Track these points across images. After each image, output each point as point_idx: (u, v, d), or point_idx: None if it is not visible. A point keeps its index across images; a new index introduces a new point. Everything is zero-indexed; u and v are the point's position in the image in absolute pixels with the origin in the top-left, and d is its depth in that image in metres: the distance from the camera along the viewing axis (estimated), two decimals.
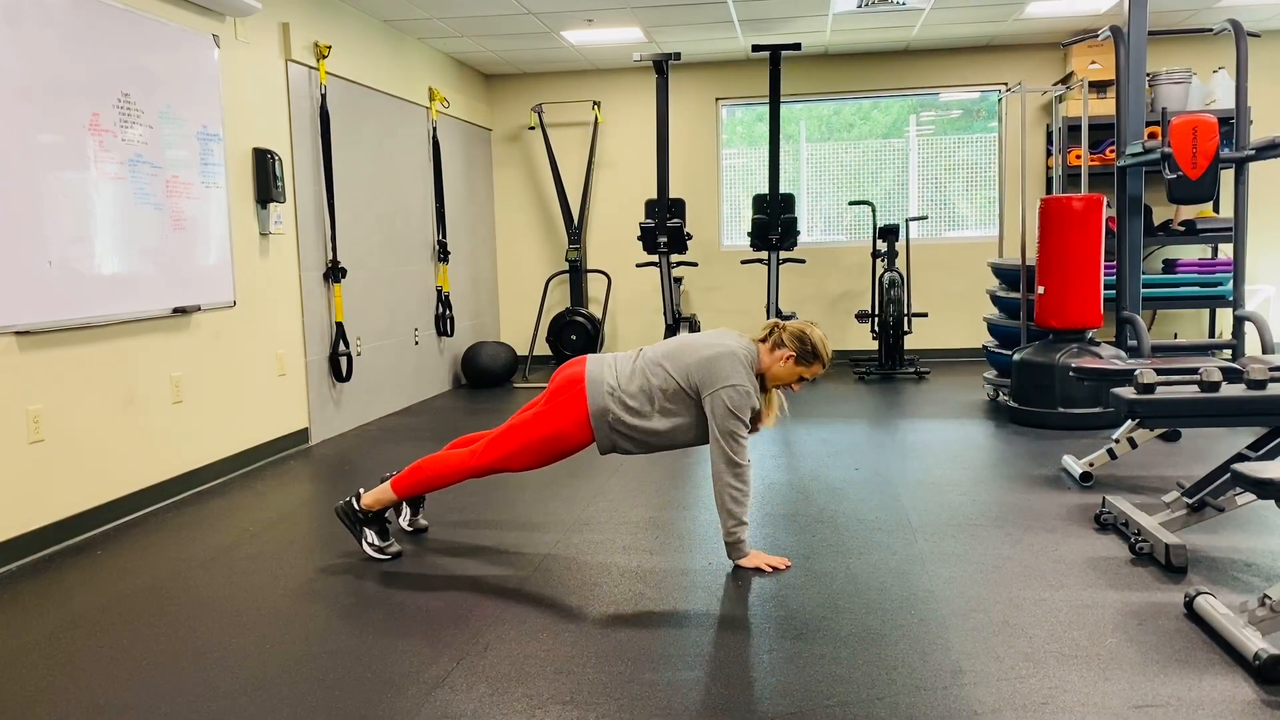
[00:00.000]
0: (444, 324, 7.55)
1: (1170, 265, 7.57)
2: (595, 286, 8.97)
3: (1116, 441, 4.34)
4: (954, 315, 8.58)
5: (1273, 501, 3.18)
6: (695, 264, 8.41)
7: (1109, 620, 2.81)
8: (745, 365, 3.30)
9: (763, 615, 2.92)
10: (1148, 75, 7.46)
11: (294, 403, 5.55)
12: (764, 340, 3.39)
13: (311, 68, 5.73)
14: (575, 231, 8.64)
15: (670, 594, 3.12)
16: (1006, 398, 5.92)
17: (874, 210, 8.05)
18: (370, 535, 3.54)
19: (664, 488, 4.46)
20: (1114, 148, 6.34)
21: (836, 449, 5.15)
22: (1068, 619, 2.83)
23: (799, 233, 7.93)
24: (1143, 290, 6.52)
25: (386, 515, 3.60)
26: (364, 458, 5.29)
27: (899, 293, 7.51)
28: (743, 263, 8.17)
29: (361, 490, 3.60)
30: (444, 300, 7.55)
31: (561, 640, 2.78)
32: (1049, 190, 8.19)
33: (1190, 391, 3.33)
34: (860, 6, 6.69)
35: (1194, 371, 3.66)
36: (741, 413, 3.25)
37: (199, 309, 4.66)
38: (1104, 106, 7.61)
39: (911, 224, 8.38)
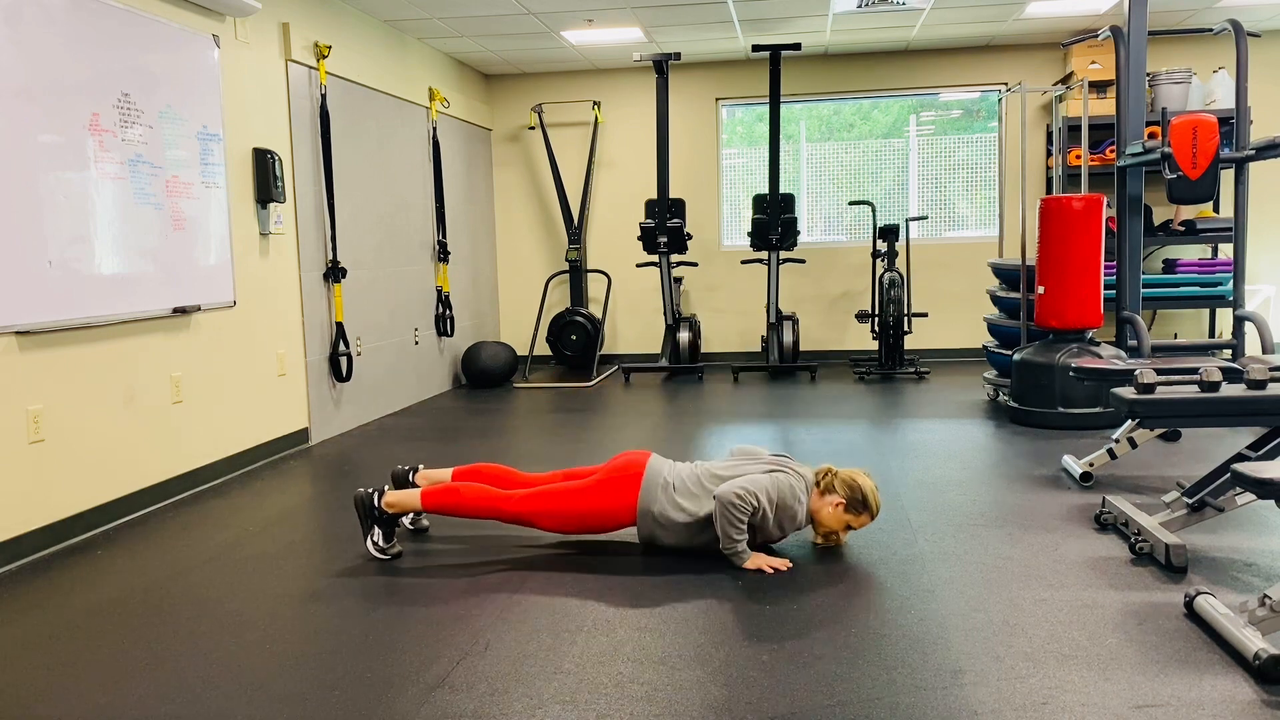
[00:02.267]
0: (444, 324, 7.55)
1: (1170, 265, 7.57)
2: (595, 286, 8.97)
3: (1116, 441, 4.34)
4: (954, 315, 8.58)
5: (1273, 501, 3.18)
6: (695, 264, 8.41)
7: (1109, 620, 2.81)
8: (802, 487, 3.42)
9: (763, 615, 2.92)
10: (1148, 75, 7.47)
11: (294, 403, 5.55)
12: (816, 485, 3.46)
13: (311, 68, 5.73)
14: (575, 231, 8.64)
15: (670, 594, 3.12)
16: (1006, 398, 5.92)
17: (874, 210, 8.05)
18: (377, 535, 3.54)
19: None
20: (1114, 148, 6.34)
21: (836, 449, 5.15)
22: (1068, 619, 2.83)
23: (799, 233, 7.93)
24: (1143, 290, 6.53)
25: (397, 519, 3.60)
26: (364, 458, 5.29)
27: (899, 293, 7.51)
28: (743, 263, 8.17)
29: (386, 488, 3.60)
30: (444, 300, 7.55)
31: (561, 640, 2.78)
32: (1049, 190, 8.19)
33: (1190, 391, 3.33)
34: (860, 6, 6.70)
35: (1194, 371, 3.66)
36: (780, 494, 3.33)
37: (199, 309, 4.66)
38: (1104, 106, 7.61)
39: (911, 224, 8.39)
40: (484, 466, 3.74)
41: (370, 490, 3.57)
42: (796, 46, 7.45)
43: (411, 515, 3.85)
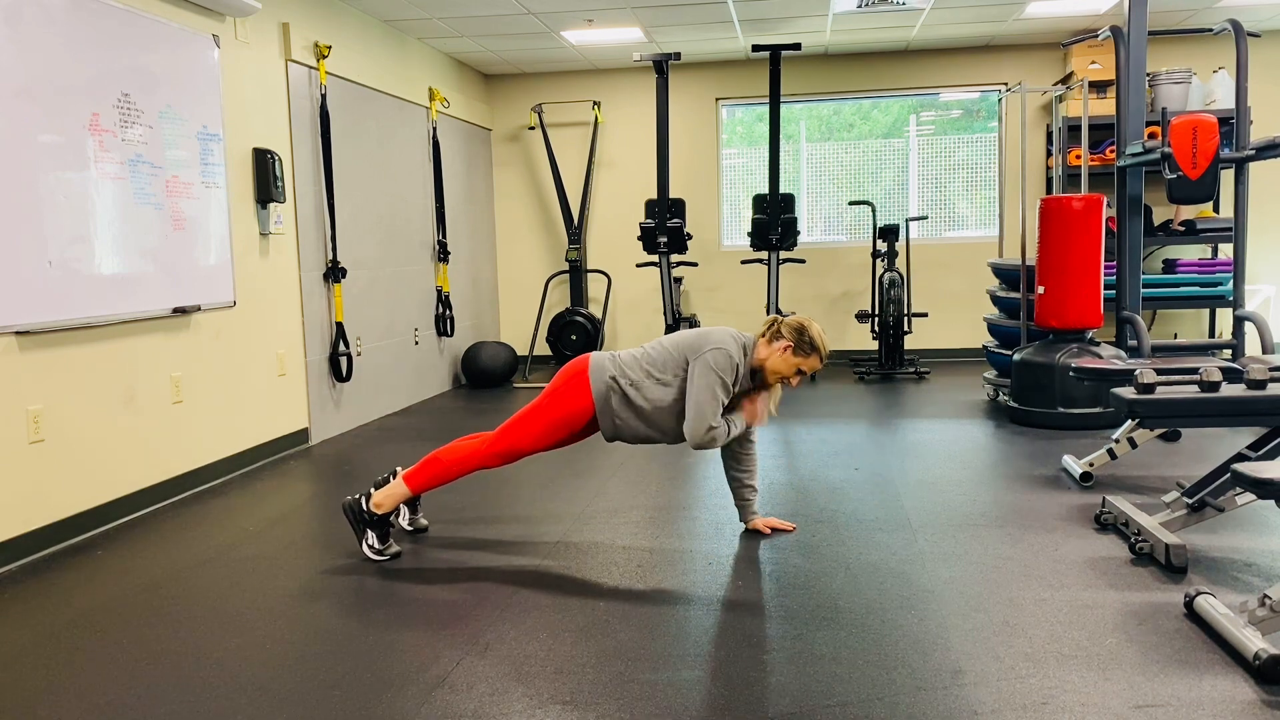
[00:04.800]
0: (444, 324, 7.55)
1: (1170, 265, 7.57)
2: (595, 286, 8.97)
3: (1116, 441, 4.34)
4: (954, 315, 8.58)
5: (1273, 501, 3.18)
6: (695, 264, 8.41)
7: (1109, 620, 2.81)
8: (737, 344, 3.44)
9: (763, 615, 2.92)
10: (1148, 75, 7.46)
11: (294, 403, 5.55)
12: (763, 334, 3.50)
13: (311, 68, 5.73)
14: (575, 231, 8.64)
15: (670, 594, 3.12)
16: (1006, 398, 5.92)
17: (874, 210, 8.05)
18: (371, 538, 3.54)
19: (664, 487, 4.46)
20: (1114, 148, 6.34)
21: (836, 449, 5.15)
22: (1068, 619, 2.83)
23: (799, 233, 7.93)
24: (1143, 290, 6.52)
25: (391, 519, 3.59)
26: (364, 458, 5.29)
27: (899, 293, 7.51)
28: (743, 263, 8.17)
29: (371, 490, 3.60)
30: (444, 300, 7.55)
31: (561, 640, 2.78)
32: (1049, 190, 8.19)
33: (1190, 391, 3.33)
34: (860, 6, 6.70)
35: (1194, 371, 3.66)
36: (724, 373, 3.37)
37: (199, 309, 4.66)
38: (1104, 106, 7.61)
39: (911, 224, 8.38)
40: (456, 441, 3.76)
41: (356, 495, 3.59)
42: (796, 46, 7.45)
43: (409, 516, 3.86)
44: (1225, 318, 8.05)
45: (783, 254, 8.33)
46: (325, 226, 5.87)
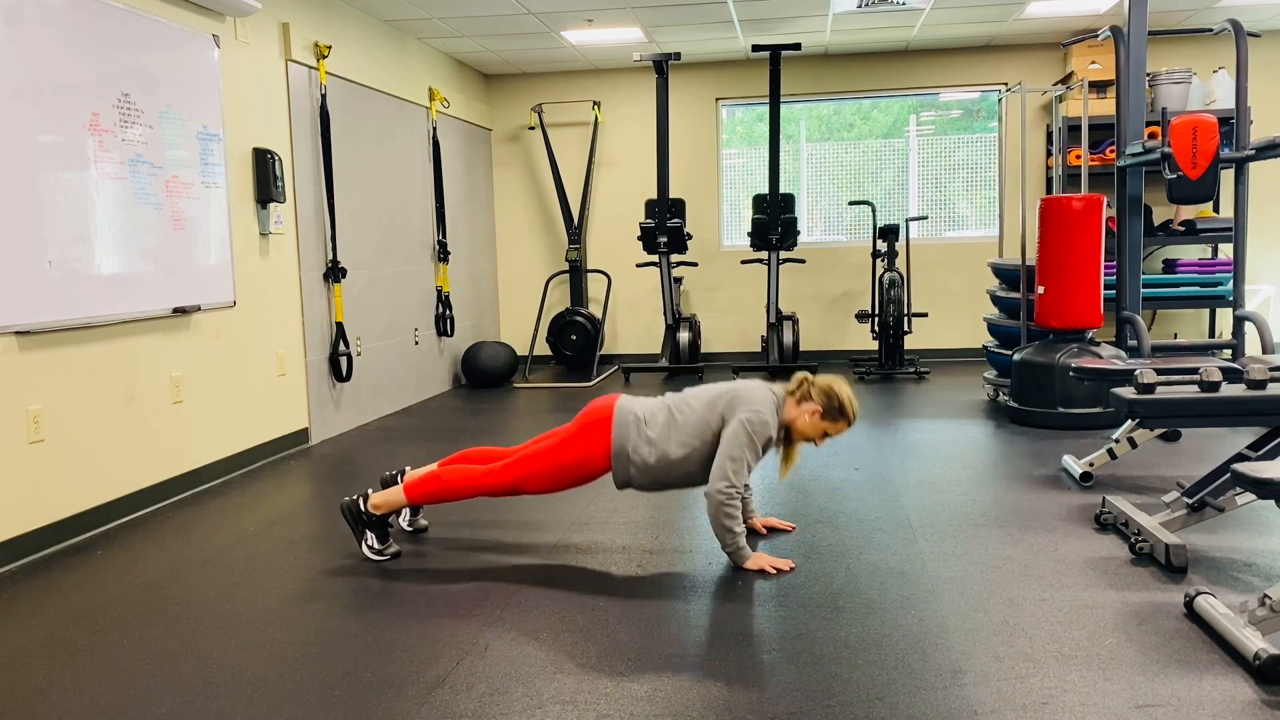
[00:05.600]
0: (444, 324, 7.55)
1: (1170, 265, 7.57)
2: (595, 286, 8.97)
3: (1116, 441, 4.34)
4: (954, 315, 8.58)
5: (1273, 501, 3.18)
6: (695, 264, 8.41)
7: (1109, 620, 2.81)
8: (772, 406, 3.35)
9: (763, 615, 2.92)
10: (1148, 75, 7.46)
11: (294, 403, 5.55)
12: (792, 393, 3.41)
13: (311, 68, 5.73)
14: (575, 231, 8.64)
15: (670, 594, 3.12)
16: (1006, 398, 5.92)
17: (874, 210, 8.05)
18: (371, 538, 3.54)
19: None
20: (1114, 148, 6.34)
21: (836, 449, 5.15)
22: (1068, 619, 2.83)
23: (799, 233, 7.93)
24: (1143, 290, 6.52)
25: (390, 519, 3.59)
26: (364, 458, 5.29)
27: (899, 293, 7.51)
28: (743, 263, 8.17)
29: (370, 491, 3.60)
30: (444, 300, 7.55)
31: (561, 640, 2.78)
32: (1049, 190, 8.19)
33: (1190, 391, 3.33)
34: (860, 6, 6.69)
35: (1194, 371, 3.66)
36: (756, 436, 3.28)
37: (199, 309, 4.66)
38: (1104, 106, 7.61)
39: (911, 224, 8.38)
40: (469, 451, 3.73)
41: (355, 496, 3.57)
42: (796, 46, 7.45)
43: (409, 516, 3.86)
44: (1225, 318, 8.05)
45: (783, 254, 8.33)
46: (325, 226, 5.87)
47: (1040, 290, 5.67)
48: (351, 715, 2.37)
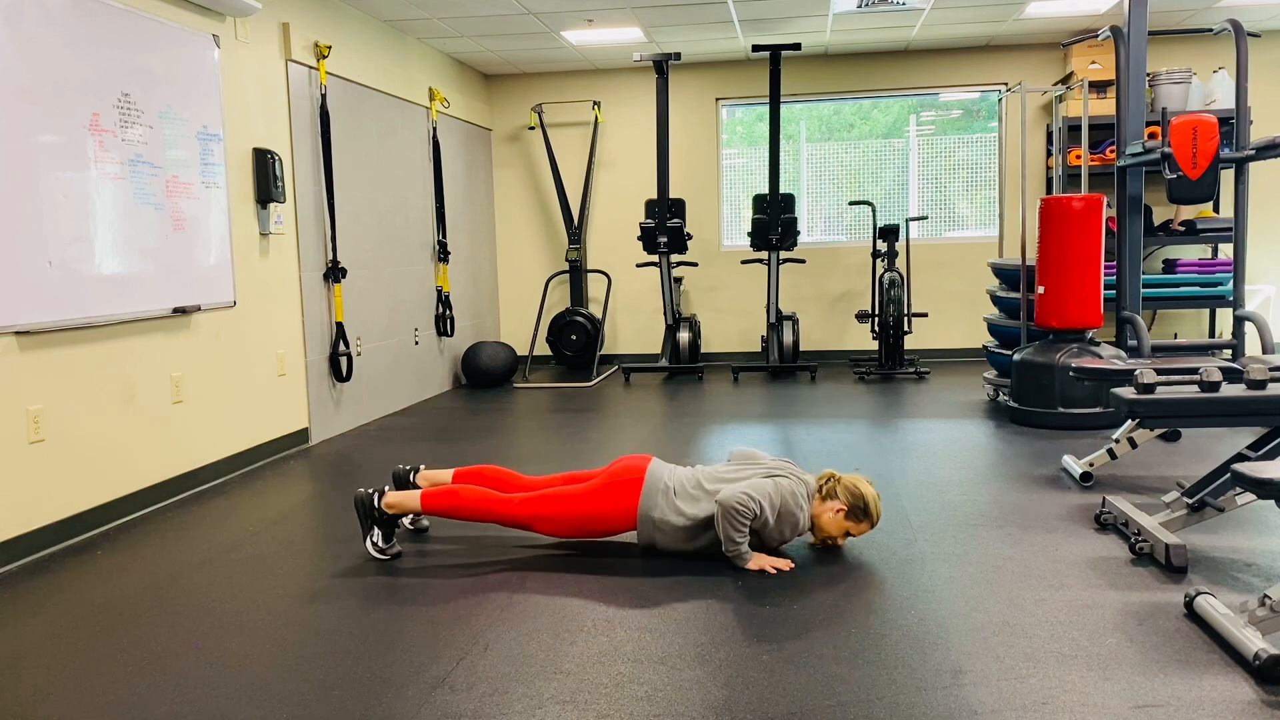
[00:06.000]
0: (444, 324, 7.55)
1: (1170, 265, 7.57)
2: (595, 286, 8.97)
3: (1116, 441, 4.34)
4: (954, 315, 8.58)
5: (1273, 501, 3.18)
6: (695, 264, 8.41)
7: (1109, 620, 2.81)
8: (804, 491, 3.41)
9: (762, 615, 2.92)
10: (1148, 75, 7.46)
11: (294, 403, 5.55)
12: (818, 490, 3.45)
13: (311, 68, 5.73)
14: (575, 231, 8.64)
15: (670, 594, 3.12)
16: (1006, 398, 5.92)
17: (874, 210, 8.05)
18: (376, 535, 3.54)
19: None
20: (1114, 148, 6.34)
21: (836, 449, 5.15)
22: (1068, 619, 2.83)
23: (799, 233, 7.93)
24: (1143, 290, 6.52)
25: (397, 520, 3.60)
26: (364, 458, 5.29)
27: (899, 293, 7.51)
28: (743, 263, 8.17)
29: (386, 488, 3.60)
30: (444, 300, 7.55)
31: (561, 640, 2.78)
32: (1049, 190, 8.19)
33: (1190, 391, 3.33)
34: (860, 6, 6.70)
35: (1194, 371, 3.66)
36: (785, 499, 3.32)
37: (199, 309, 4.66)
38: (1104, 106, 7.61)
39: (911, 224, 8.38)
40: (485, 469, 3.74)
41: (370, 491, 3.57)
42: (796, 46, 7.45)
43: (411, 515, 3.86)
44: (1225, 318, 8.05)
45: (783, 254, 8.34)
46: (325, 226, 5.87)
47: (1040, 290, 5.67)
48: (351, 715, 2.37)
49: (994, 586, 3.11)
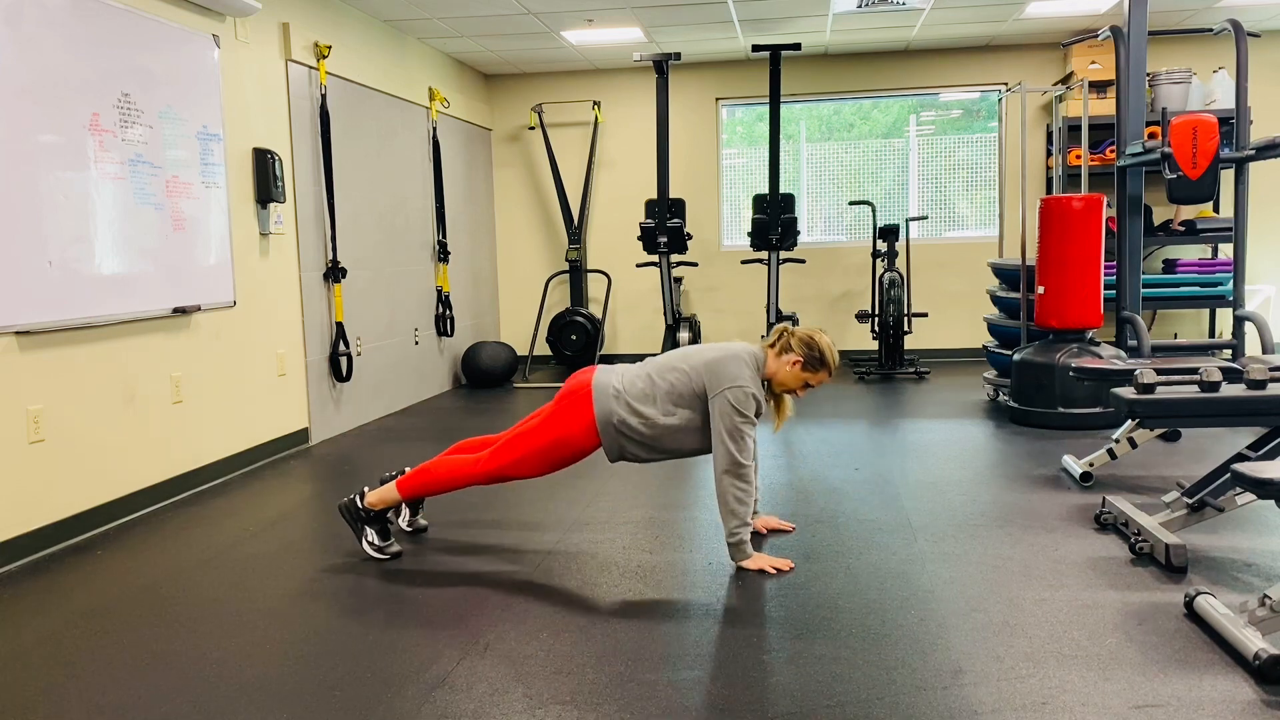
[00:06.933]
0: (444, 324, 7.55)
1: (1170, 265, 7.57)
2: (595, 286, 8.97)
3: (1116, 441, 4.34)
4: (954, 315, 8.58)
5: (1273, 501, 3.18)
6: (695, 264, 8.41)
7: (1109, 620, 2.81)
8: (751, 368, 3.32)
9: (763, 615, 2.92)
10: (1148, 75, 7.46)
11: (294, 403, 5.55)
12: (772, 346, 3.41)
13: (311, 68, 5.73)
14: (575, 231, 8.64)
15: (670, 594, 3.12)
16: (1006, 398, 5.92)
17: (874, 210, 8.05)
18: (371, 534, 3.54)
19: (664, 488, 4.46)
20: (1114, 148, 6.34)
21: (836, 449, 5.15)
22: (1068, 619, 2.83)
23: (799, 233, 7.93)
24: (1143, 290, 6.52)
25: (388, 515, 3.60)
26: (364, 458, 5.29)
27: (899, 293, 7.51)
28: (743, 263, 8.17)
29: (366, 489, 3.60)
30: (444, 300, 7.55)
31: (561, 640, 2.78)
32: (1049, 190, 8.19)
33: (1190, 391, 3.33)
34: (860, 6, 6.69)
35: (1194, 371, 3.66)
36: (746, 410, 3.26)
37: (199, 309, 4.66)
38: (1104, 106, 7.61)
39: (911, 224, 8.38)
40: (460, 444, 3.72)
41: (350, 496, 3.59)
42: (796, 46, 7.45)
43: (409, 517, 3.86)
44: (1225, 318, 8.04)
45: (783, 254, 8.33)
46: (325, 226, 5.87)
47: (1040, 290, 5.67)
48: (351, 715, 2.37)
49: (994, 586, 3.11)
